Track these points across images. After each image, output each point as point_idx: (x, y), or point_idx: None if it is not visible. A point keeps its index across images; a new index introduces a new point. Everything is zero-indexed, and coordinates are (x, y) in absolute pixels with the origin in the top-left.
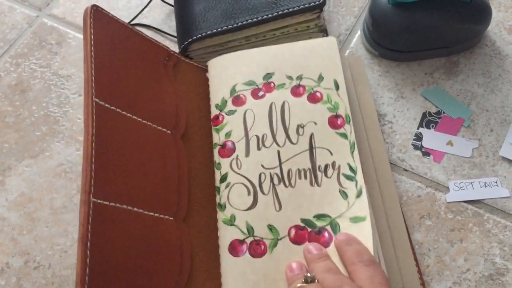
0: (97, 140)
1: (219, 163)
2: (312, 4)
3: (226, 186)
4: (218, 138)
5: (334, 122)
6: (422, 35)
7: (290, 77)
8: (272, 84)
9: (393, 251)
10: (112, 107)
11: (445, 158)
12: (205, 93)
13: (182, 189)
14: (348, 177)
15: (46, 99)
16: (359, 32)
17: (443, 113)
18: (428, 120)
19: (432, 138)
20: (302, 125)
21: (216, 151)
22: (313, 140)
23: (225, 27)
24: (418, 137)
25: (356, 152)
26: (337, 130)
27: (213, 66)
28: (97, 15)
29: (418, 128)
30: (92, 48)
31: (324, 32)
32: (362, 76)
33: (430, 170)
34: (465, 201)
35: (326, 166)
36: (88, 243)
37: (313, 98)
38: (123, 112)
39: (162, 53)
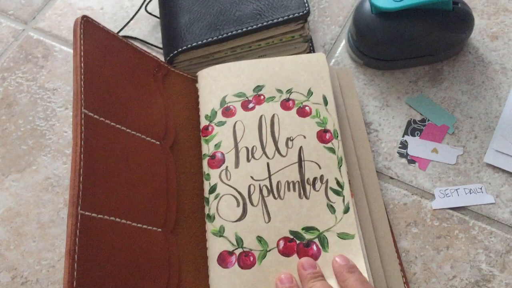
0: (85, 151)
1: (208, 174)
2: (296, 15)
3: (215, 197)
4: (207, 148)
5: (322, 136)
6: (405, 44)
7: (280, 91)
8: (262, 97)
9: (379, 259)
10: (101, 118)
11: (430, 166)
12: (194, 103)
13: (170, 200)
14: (335, 192)
15: (33, 112)
16: (344, 42)
17: (428, 120)
18: (413, 128)
19: (417, 146)
20: (291, 138)
21: (205, 162)
22: (302, 153)
23: (210, 39)
24: (404, 145)
25: (343, 167)
26: (325, 144)
27: (203, 77)
28: (87, 25)
29: (403, 136)
30: (82, 58)
31: (309, 41)
32: (350, 87)
33: (415, 177)
34: (450, 208)
35: (315, 179)
36: (76, 256)
37: (302, 112)
38: (112, 123)
39: (152, 64)
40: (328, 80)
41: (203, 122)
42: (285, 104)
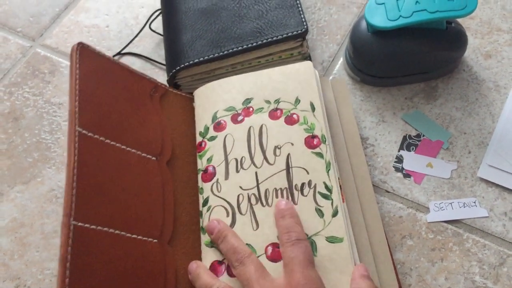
0: (78, 166)
1: (202, 188)
2: (295, 32)
3: (208, 210)
4: (201, 164)
5: (310, 142)
6: (401, 62)
7: (268, 101)
8: (251, 109)
9: (376, 271)
10: (95, 136)
11: (425, 180)
12: (192, 121)
13: (167, 213)
14: (324, 196)
15: (38, 126)
16: (341, 59)
17: (423, 136)
18: (408, 143)
19: (413, 160)
20: (279, 146)
21: (199, 177)
22: (289, 160)
23: (211, 55)
24: (399, 159)
25: (332, 171)
26: (313, 150)
27: (198, 95)
28: (83, 51)
29: (399, 151)
30: (77, 82)
31: (308, 59)
32: (345, 97)
33: (411, 191)
34: (445, 221)
35: (303, 184)
36: (68, 264)
37: (290, 120)
38: (107, 141)
39: (149, 85)
40: (315, 87)
41: (198, 139)
42: (273, 114)
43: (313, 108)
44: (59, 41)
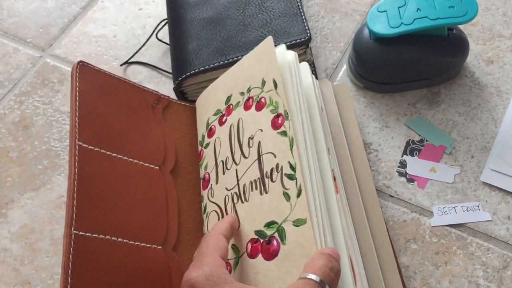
0: (79, 178)
1: (202, 196)
2: (298, 40)
3: (206, 216)
4: (201, 172)
5: (275, 122)
6: (403, 68)
7: (242, 93)
8: (231, 106)
9: (381, 274)
10: (96, 149)
11: (428, 184)
12: (196, 131)
13: (171, 220)
14: (289, 177)
15: (48, 134)
16: (345, 66)
17: (426, 141)
18: (411, 148)
19: (416, 165)
20: (251, 137)
21: (201, 185)
22: (260, 148)
23: (217, 63)
24: (403, 164)
25: (295, 148)
26: (278, 130)
27: (197, 105)
28: (82, 69)
29: (402, 156)
30: (77, 98)
31: (311, 66)
32: (347, 102)
33: (414, 195)
34: (448, 225)
35: (271, 170)
36: (69, 271)
37: (259, 106)
38: (108, 152)
39: (151, 98)
40: (275, 62)
41: (199, 148)
42: (247, 104)
43: (275, 86)
44: (68, 51)
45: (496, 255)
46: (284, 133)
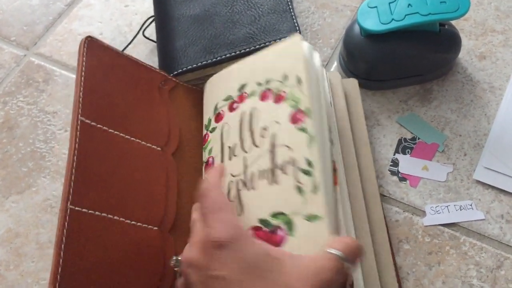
0: (78, 154)
1: None
2: (287, 37)
3: None
4: (204, 156)
5: (294, 117)
6: (395, 65)
7: (259, 84)
8: (245, 94)
9: (377, 273)
10: (99, 125)
11: (421, 183)
12: (202, 115)
13: (170, 202)
14: (305, 172)
15: (33, 135)
16: (335, 63)
17: (418, 139)
18: (403, 146)
19: (408, 164)
20: (265, 127)
21: (203, 169)
22: (274, 140)
23: (205, 62)
24: (395, 163)
25: (316, 146)
26: (297, 125)
27: (205, 89)
28: (91, 44)
29: (394, 154)
30: (83, 73)
31: None
32: (355, 96)
33: (407, 195)
34: (441, 225)
35: (285, 163)
36: (62, 246)
37: (279, 99)
38: (110, 130)
39: (158, 78)
40: (301, 59)
41: (204, 132)
42: (264, 95)
43: (299, 82)
44: (53, 49)
45: (489, 254)
46: (303, 129)
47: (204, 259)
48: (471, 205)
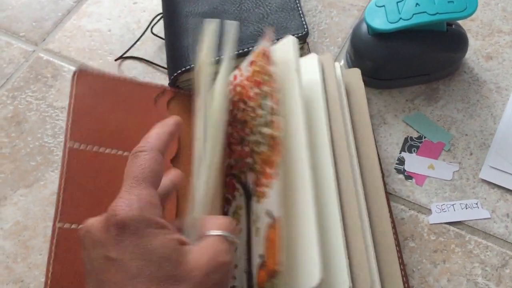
0: (66, 177)
1: None
2: (295, 35)
3: None
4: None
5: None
6: (402, 64)
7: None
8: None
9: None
10: (88, 147)
11: (427, 181)
12: None
13: (170, 205)
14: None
15: (41, 130)
16: (342, 62)
17: (424, 137)
18: (410, 145)
19: (414, 162)
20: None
21: None
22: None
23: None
24: (401, 161)
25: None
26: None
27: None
28: (80, 75)
29: (400, 153)
30: (72, 102)
31: None
32: (358, 87)
33: (412, 193)
34: (447, 223)
35: None
36: (51, 260)
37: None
38: (101, 149)
39: (153, 92)
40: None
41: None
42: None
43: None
44: (62, 45)
45: (495, 253)
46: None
47: (104, 235)
48: (476, 204)
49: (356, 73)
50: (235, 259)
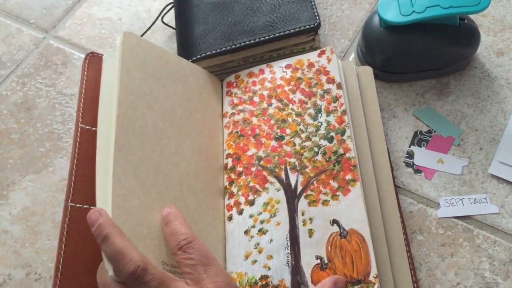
0: (78, 157)
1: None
2: (307, 27)
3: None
4: None
5: None
6: (413, 57)
7: None
8: None
9: (389, 258)
10: (94, 128)
11: (436, 175)
12: None
13: None
14: None
15: (51, 116)
16: (353, 55)
17: (434, 132)
18: (419, 139)
19: (423, 156)
20: None
21: None
22: None
23: (224, 48)
24: (410, 155)
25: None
26: None
27: None
28: (92, 59)
29: (409, 146)
30: (84, 85)
31: None
32: (370, 86)
33: (421, 186)
34: (455, 217)
35: None
36: (64, 239)
37: None
38: None
39: None
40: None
41: None
42: None
43: None
44: (72, 33)
45: (503, 248)
46: None
47: None
48: (485, 198)
49: (368, 70)
50: (269, 250)
